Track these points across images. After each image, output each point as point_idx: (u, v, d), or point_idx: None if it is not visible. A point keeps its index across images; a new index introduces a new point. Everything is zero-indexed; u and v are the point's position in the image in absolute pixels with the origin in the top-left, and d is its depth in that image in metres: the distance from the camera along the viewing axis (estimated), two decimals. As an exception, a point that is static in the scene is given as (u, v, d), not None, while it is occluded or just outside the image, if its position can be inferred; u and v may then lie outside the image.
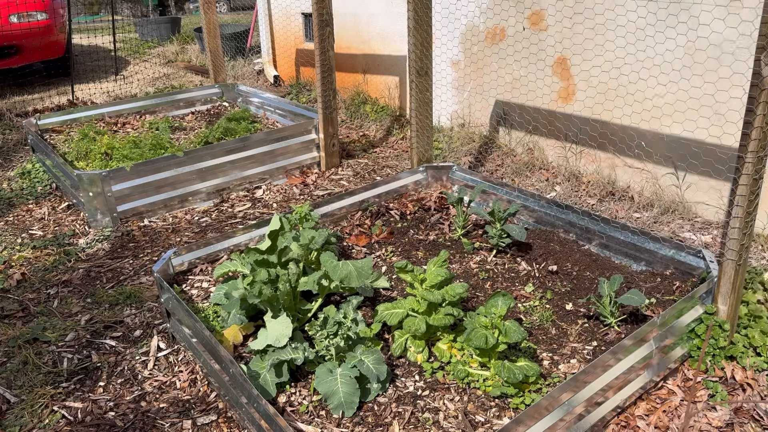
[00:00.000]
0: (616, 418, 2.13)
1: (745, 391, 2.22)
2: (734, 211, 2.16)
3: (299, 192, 4.16)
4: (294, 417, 2.17)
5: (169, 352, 2.61)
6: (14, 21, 6.62)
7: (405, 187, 3.82)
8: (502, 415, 2.14)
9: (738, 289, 2.30)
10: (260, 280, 2.40)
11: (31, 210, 4.03)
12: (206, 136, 4.68)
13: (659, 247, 2.83)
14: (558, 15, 3.92)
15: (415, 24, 3.51)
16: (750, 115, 2.02)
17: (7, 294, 3.07)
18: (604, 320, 2.54)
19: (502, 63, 4.40)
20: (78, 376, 2.49)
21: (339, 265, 2.39)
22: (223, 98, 6.09)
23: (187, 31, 10.73)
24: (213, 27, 5.86)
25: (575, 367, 2.34)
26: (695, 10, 3.21)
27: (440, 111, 5.04)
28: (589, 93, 3.86)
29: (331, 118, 4.38)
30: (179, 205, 3.95)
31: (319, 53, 4.16)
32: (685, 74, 3.35)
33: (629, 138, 3.72)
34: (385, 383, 2.26)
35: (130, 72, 8.26)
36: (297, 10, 6.59)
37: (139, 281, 3.15)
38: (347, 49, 5.96)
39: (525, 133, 4.39)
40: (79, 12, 14.31)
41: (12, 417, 2.28)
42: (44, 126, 5.19)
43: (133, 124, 5.45)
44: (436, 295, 2.34)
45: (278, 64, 7.18)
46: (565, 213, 3.22)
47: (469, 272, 2.99)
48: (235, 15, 13.44)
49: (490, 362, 2.27)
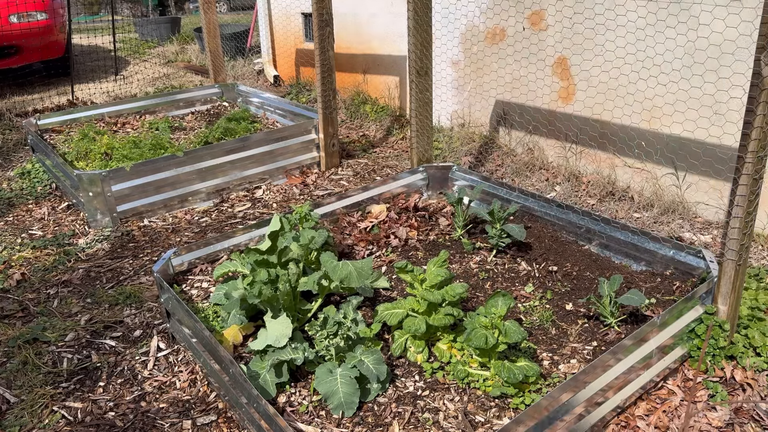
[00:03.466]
0: (616, 418, 2.13)
1: (745, 391, 2.22)
2: (734, 211, 2.16)
3: (299, 192, 4.16)
4: (294, 417, 2.17)
5: (169, 353, 2.61)
6: (14, 21, 6.62)
7: (405, 187, 3.82)
8: (502, 415, 2.14)
9: (738, 289, 2.30)
10: (260, 280, 2.40)
11: (31, 210, 4.03)
12: (206, 136, 4.68)
13: (659, 247, 2.83)
14: (558, 15, 3.92)
15: (415, 24, 3.51)
16: (750, 115, 2.02)
17: (7, 294, 3.07)
18: (604, 320, 2.54)
19: (502, 63, 4.40)
20: (78, 376, 2.49)
21: (339, 266, 2.39)
22: (223, 98, 6.09)
23: (187, 31, 10.72)
24: (213, 27, 5.86)
25: (575, 367, 2.34)
26: (695, 10, 3.21)
27: (440, 111, 5.04)
28: (589, 93, 3.86)
29: (331, 118, 4.38)
30: (179, 205, 3.95)
31: (319, 53, 4.16)
32: (685, 74, 3.35)
33: (629, 138, 3.72)
34: (385, 383, 2.26)
35: (130, 72, 8.26)
36: (297, 10, 6.59)
37: (139, 281, 3.15)
38: (347, 49, 5.96)
39: (525, 133, 4.39)
40: (79, 12, 14.31)
41: (12, 417, 2.28)
42: (44, 126, 5.19)
43: (133, 124, 5.45)
44: (436, 295, 2.34)
45: (278, 64, 7.18)
46: (565, 213, 3.22)
47: (469, 272, 2.99)
48: (235, 15, 13.43)
49: (490, 362, 2.27)
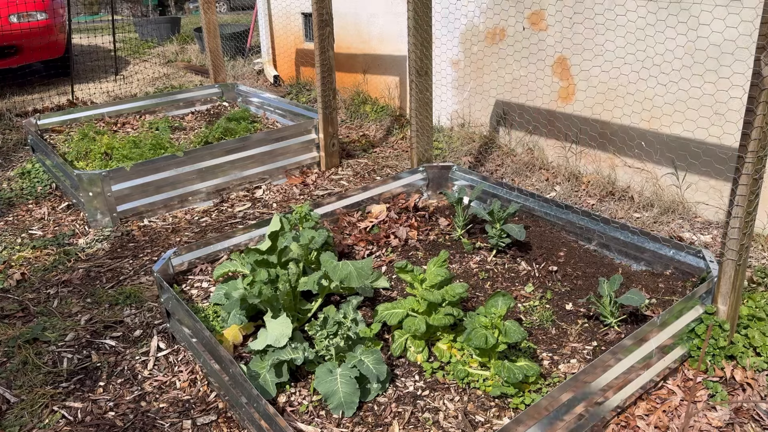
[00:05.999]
0: (616, 418, 2.13)
1: (745, 391, 2.22)
2: (734, 211, 2.16)
3: (299, 192, 4.16)
4: (294, 417, 2.17)
5: (169, 352, 2.61)
6: (14, 21, 6.62)
7: (405, 187, 3.82)
8: (502, 415, 2.14)
9: (738, 289, 2.30)
10: (260, 280, 2.40)
11: (30, 210, 4.03)
12: (206, 136, 4.68)
13: (659, 247, 2.83)
14: (558, 15, 3.92)
15: (415, 24, 3.51)
16: (750, 115, 2.02)
17: (7, 294, 3.07)
18: (604, 320, 2.54)
19: (502, 63, 4.40)
20: (78, 376, 2.48)
21: (339, 266, 2.39)
22: (222, 98, 6.09)
23: (187, 31, 10.72)
24: (213, 27, 5.86)
25: (575, 367, 2.34)
26: (695, 10, 3.21)
27: (440, 111, 5.04)
28: (589, 93, 3.86)
29: (331, 118, 4.38)
30: (179, 205, 3.95)
31: (319, 53, 4.16)
32: (685, 74, 3.35)
33: (629, 138, 3.72)
34: (385, 383, 2.26)
35: (130, 72, 8.26)
36: (297, 10, 6.59)
37: (139, 281, 3.15)
38: (347, 49, 5.96)
39: (525, 133, 4.39)
40: (79, 12, 14.30)
41: (12, 417, 2.28)
42: (44, 126, 5.19)
43: (133, 124, 5.45)
44: (436, 295, 2.34)
45: (278, 64, 7.18)
46: (565, 213, 3.22)
47: (469, 272, 2.99)
48: (235, 15, 13.43)
49: (490, 362, 2.27)
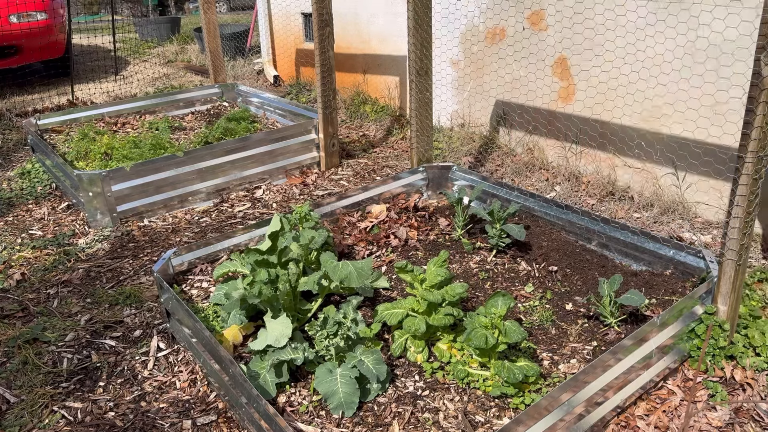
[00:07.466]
0: (616, 418, 2.13)
1: (745, 391, 2.22)
2: (734, 211, 2.16)
3: (299, 192, 4.16)
4: (294, 417, 2.17)
5: (168, 353, 2.61)
6: (14, 21, 6.62)
7: (405, 187, 3.82)
8: (502, 415, 2.14)
9: (738, 289, 2.30)
10: (260, 280, 2.40)
11: (30, 210, 4.03)
12: (206, 136, 4.68)
13: (659, 247, 2.83)
14: (558, 15, 3.92)
15: (415, 24, 3.51)
16: (750, 115, 2.02)
17: (6, 294, 3.07)
18: (604, 320, 2.54)
19: (502, 63, 4.40)
20: (78, 376, 2.48)
21: (339, 266, 2.39)
22: (222, 98, 6.09)
23: (187, 31, 10.72)
24: (213, 27, 5.86)
25: (575, 367, 2.34)
26: (695, 10, 3.21)
27: (440, 111, 5.04)
28: (589, 93, 3.86)
29: (331, 118, 4.38)
30: (179, 205, 3.95)
31: (319, 53, 4.15)
32: (685, 74, 3.34)
33: (629, 138, 3.72)
34: (385, 383, 2.26)
35: (130, 72, 8.26)
36: (297, 10, 6.59)
37: (138, 281, 3.15)
38: (347, 49, 5.96)
39: (525, 133, 4.39)
40: (79, 12, 14.30)
41: (12, 417, 2.28)
42: (44, 126, 5.19)
43: (132, 124, 5.45)
44: (436, 295, 2.34)
45: (278, 64, 7.18)
46: (564, 213, 3.22)
47: (469, 272, 2.99)
48: (235, 15, 13.43)
49: (490, 362, 2.27)
